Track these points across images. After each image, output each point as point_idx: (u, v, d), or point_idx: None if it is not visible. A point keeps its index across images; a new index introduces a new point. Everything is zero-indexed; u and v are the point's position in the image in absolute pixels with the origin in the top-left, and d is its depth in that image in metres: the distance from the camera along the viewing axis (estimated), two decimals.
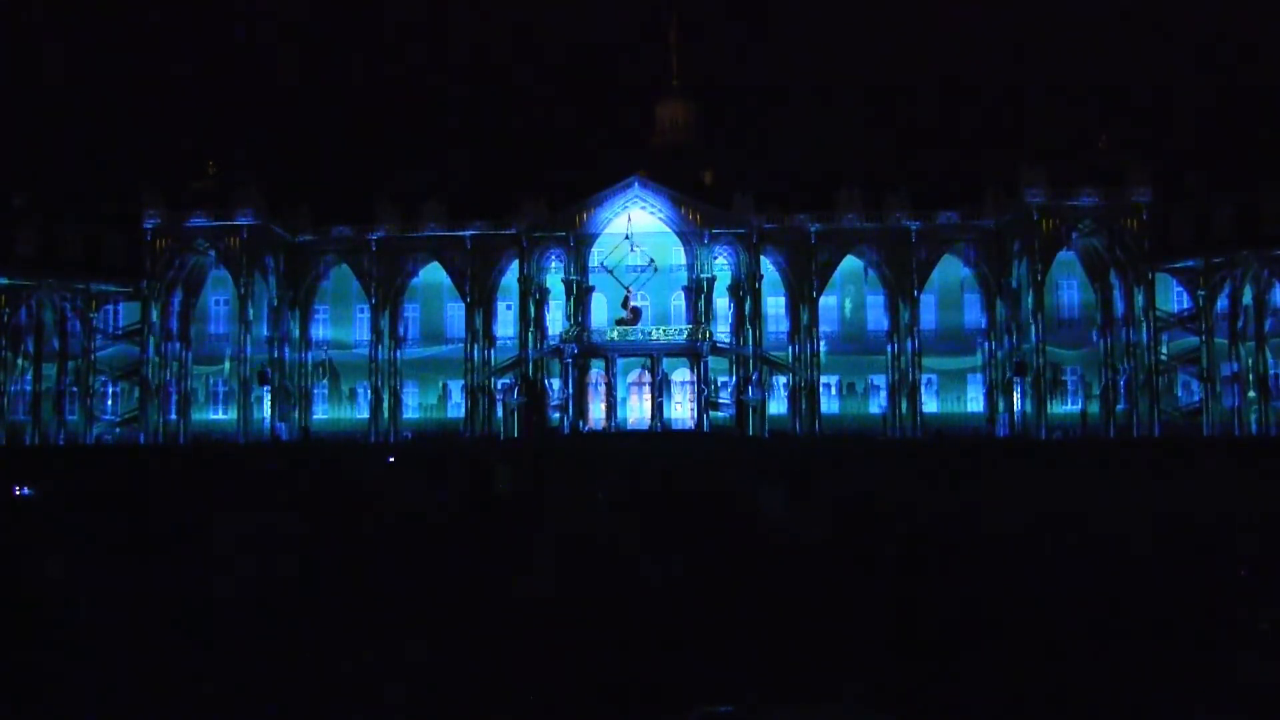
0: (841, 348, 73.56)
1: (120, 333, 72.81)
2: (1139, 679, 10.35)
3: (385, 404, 73.10)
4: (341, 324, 76.55)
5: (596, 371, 72.12)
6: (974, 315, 73.47)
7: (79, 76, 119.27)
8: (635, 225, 71.71)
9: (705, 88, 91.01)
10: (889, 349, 72.12)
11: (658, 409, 69.90)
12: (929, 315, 72.96)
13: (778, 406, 72.52)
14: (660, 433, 67.51)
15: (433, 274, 74.47)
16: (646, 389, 72.34)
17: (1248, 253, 63.07)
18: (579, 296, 72.01)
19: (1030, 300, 67.62)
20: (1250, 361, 63.75)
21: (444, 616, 13.44)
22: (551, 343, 72.51)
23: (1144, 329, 66.30)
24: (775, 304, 73.82)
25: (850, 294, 74.55)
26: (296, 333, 74.81)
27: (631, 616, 12.94)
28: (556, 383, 72.38)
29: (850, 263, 72.99)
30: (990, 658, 10.94)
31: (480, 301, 73.41)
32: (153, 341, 70.85)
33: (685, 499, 23.64)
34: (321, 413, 75.17)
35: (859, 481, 30.37)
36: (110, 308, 72.87)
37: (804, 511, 20.17)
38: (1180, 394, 68.46)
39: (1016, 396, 69.32)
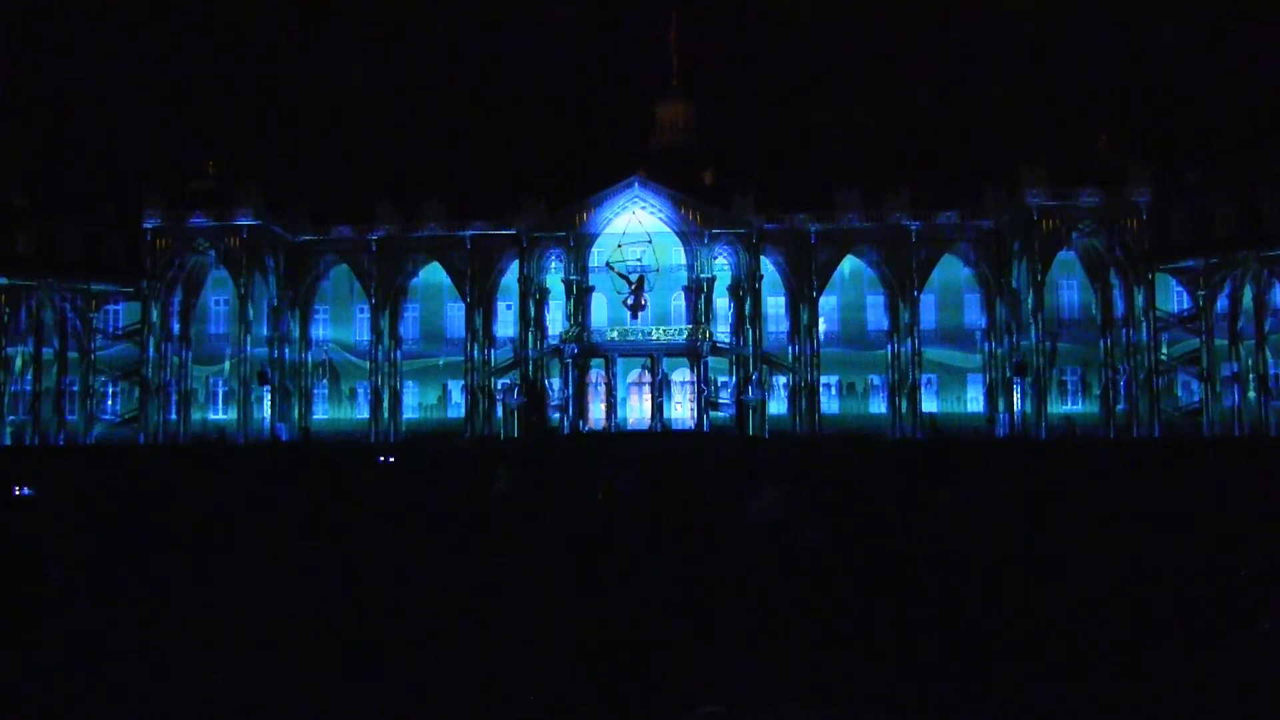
0: (841, 348, 73.59)
1: (120, 333, 72.88)
2: (1138, 679, 10.36)
3: (385, 404, 73.20)
4: (341, 324, 76.61)
5: (596, 371, 72.18)
6: (974, 315, 73.51)
7: (79, 76, 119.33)
8: (635, 225, 72.04)
9: (705, 88, 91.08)
10: (889, 349, 72.19)
11: (658, 409, 69.93)
12: (929, 315, 73.00)
13: (778, 406, 72.57)
14: (660, 433, 67.54)
15: (433, 274, 74.53)
16: (646, 389, 72.39)
17: (1248, 253, 63.05)
18: (579, 296, 72.07)
19: (1030, 300, 67.68)
20: (1250, 361, 63.73)
21: (443, 617, 13.45)
22: (551, 343, 72.58)
23: (1144, 329, 66.33)
24: (775, 304, 73.89)
25: (850, 294, 74.59)
26: (296, 333, 74.89)
27: (630, 616, 12.95)
28: (556, 383, 72.44)
29: (850, 263, 73.07)
30: (990, 658, 10.96)
31: (480, 302, 73.47)
32: (153, 341, 70.92)
33: (686, 499, 23.63)
34: (321, 413, 75.24)
35: (859, 481, 30.36)
36: (110, 308, 72.97)
37: (804, 511, 20.16)
38: (1180, 394, 68.47)
39: (1016, 396, 69.37)
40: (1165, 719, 9.64)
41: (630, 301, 72.10)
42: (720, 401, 72.20)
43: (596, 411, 72.21)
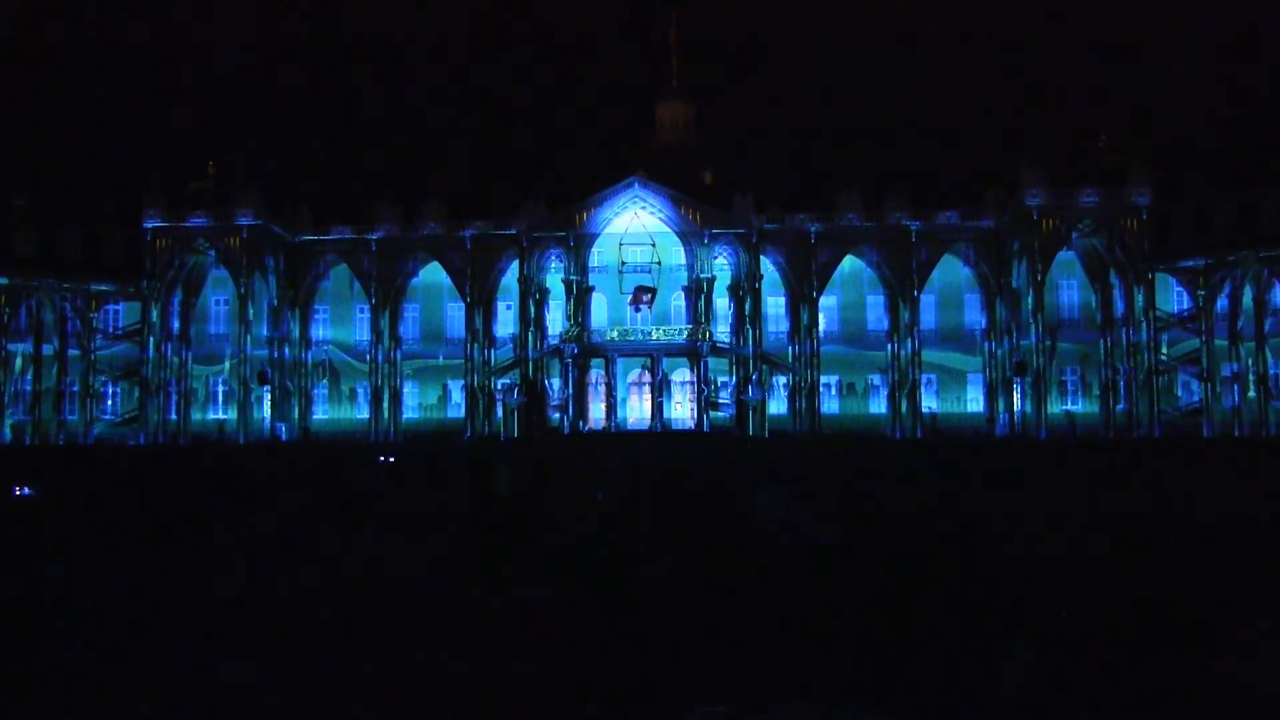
0: (841, 348, 73.59)
1: (120, 333, 72.89)
2: (1138, 680, 10.37)
3: (385, 404, 73.19)
4: (341, 324, 76.61)
5: (596, 371, 72.19)
6: (974, 315, 73.52)
7: (79, 76, 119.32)
8: (635, 225, 72.26)
9: (705, 88, 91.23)
10: (889, 349, 72.20)
11: (658, 409, 69.94)
12: (929, 315, 73.01)
13: (778, 406, 72.57)
14: (660, 433, 67.54)
15: (433, 274, 74.53)
16: (646, 389, 72.42)
17: (1248, 253, 63.01)
18: (579, 296, 72.07)
19: (1030, 300, 67.65)
20: (1250, 361, 63.71)
21: (442, 617, 13.46)
22: (551, 343, 72.59)
23: (1144, 329, 66.31)
24: (775, 304, 73.90)
25: (850, 294, 74.59)
26: (296, 333, 74.87)
27: (631, 617, 12.97)
28: (556, 383, 72.45)
29: (850, 263, 73.07)
30: (990, 658, 10.97)
31: (480, 301, 73.46)
32: (153, 341, 70.92)
33: (685, 499, 23.65)
34: (321, 413, 75.26)
35: (860, 481, 30.41)
36: (110, 308, 72.99)
37: (805, 512, 20.18)
38: (1180, 394, 68.47)
39: (1016, 396, 69.35)
40: None
41: (631, 298, 72.40)
42: (720, 401, 72.21)
43: (596, 411, 72.22)
